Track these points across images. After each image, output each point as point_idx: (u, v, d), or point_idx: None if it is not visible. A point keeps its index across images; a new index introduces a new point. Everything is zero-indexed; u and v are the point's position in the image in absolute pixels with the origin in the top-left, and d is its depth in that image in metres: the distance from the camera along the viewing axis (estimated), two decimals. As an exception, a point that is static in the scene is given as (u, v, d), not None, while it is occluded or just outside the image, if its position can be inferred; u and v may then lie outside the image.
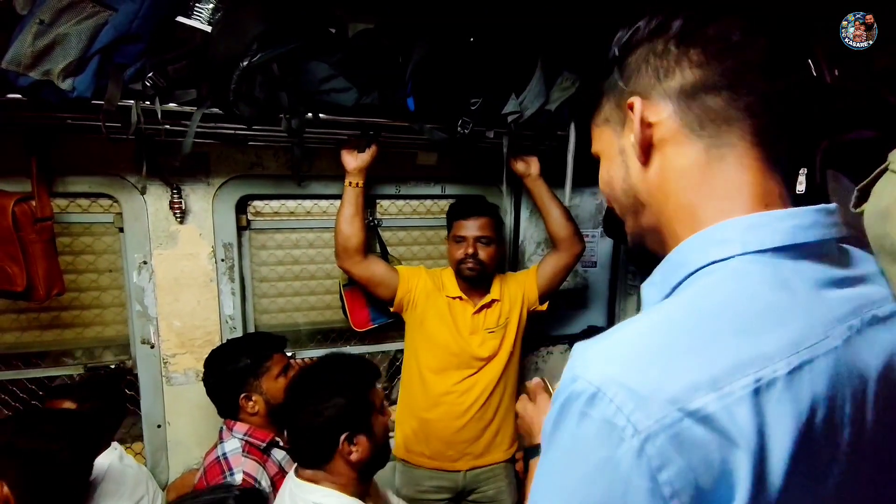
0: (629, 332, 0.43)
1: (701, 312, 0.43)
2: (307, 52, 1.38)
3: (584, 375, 0.41)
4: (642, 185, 0.54)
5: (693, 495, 0.38)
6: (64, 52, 1.20)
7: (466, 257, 1.67)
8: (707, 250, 0.47)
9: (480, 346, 1.72)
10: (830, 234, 0.47)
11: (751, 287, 0.44)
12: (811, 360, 0.41)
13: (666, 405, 0.38)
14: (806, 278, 0.45)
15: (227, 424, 1.43)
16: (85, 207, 1.63)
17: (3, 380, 1.62)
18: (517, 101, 1.59)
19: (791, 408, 0.39)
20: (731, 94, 0.48)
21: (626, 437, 0.38)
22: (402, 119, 1.51)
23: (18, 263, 1.38)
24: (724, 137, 0.49)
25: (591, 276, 2.24)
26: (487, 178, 1.95)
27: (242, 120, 1.38)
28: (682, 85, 0.49)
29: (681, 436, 0.38)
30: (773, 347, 0.41)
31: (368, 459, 1.12)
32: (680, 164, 0.50)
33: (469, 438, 1.71)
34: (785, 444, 0.39)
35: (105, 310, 1.71)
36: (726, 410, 0.38)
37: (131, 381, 1.72)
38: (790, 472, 0.39)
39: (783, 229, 0.46)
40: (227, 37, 1.30)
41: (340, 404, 1.09)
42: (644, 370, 0.40)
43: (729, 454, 0.38)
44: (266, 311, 1.89)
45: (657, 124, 0.51)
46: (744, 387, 0.39)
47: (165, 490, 1.67)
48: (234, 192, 1.70)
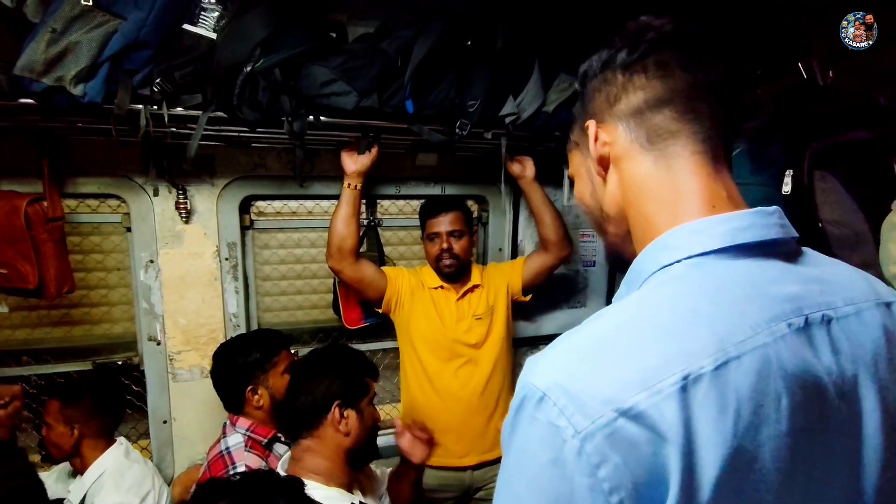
0: (572, 341, 0.47)
1: (636, 317, 0.46)
2: (308, 56, 1.42)
3: (532, 382, 0.45)
4: (606, 199, 0.59)
5: (631, 490, 0.40)
6: (76, 59, 1.25)
7: (442, 252, 1.72)
8: (657, 257, 0.52)
9: (467, 332, 1.75)
10: (769, 234, 0.50)
11: (685, 290, 0.47)
12: (738, 357, 0.42)
13: (601, 406, 0.41)
14: (742, 277, 0.48)
15: (231, 420, 1.47)
16: (94, 208, 1.68)
17: (13, 376, 1.66)
18: (515, 103, 1.62)
19: (718, 402, 0.41)
20: (671, 111, 0.54)
21: (568, 438, 0.41)
22: (401, 121, 1.54)
23: (30, 262, 1.42)
24: (670, 149, 0.54)
25: (591, 274, 2.26)
26: (486, 178, 1.98)
27: (246, 123, 1.42)
28: (630, 106, 0.56)
29: (615, 434, 0.40)
30: (700, 345, 0.43)
31: (355, 444, 1.17)
32: (634, 177, 0.56)
33: (476, 430, 1.73)
34: (712, 437, 0.40)
35: (113, 307, 1.76)
36: (656, 407, 0.40)
37: (138, 377, 1.76)
38: (721, 466, 0.40)
39: (721, 232, 0.49)
40: (231, 43, 1.34)
41: (338, 378, 1.19)
42: (583, 375, 0.43)
43: (660, 449, 0.40)
44: (269, 310, 1.93)
45: (612, 143, 0.57)
46: (672, 384, 0.41)
47: (171, 484, 1.72)
48: (238, 192, 1.75)
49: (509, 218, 2.09)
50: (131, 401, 1.79)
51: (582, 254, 2.23)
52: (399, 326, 1.79)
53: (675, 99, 0.54)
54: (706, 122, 0.53)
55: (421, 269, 1.83)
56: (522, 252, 2.13)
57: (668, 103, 0.54)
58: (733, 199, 0.53)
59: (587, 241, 2.22)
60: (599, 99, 0.58)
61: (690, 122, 0.53)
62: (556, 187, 2.08)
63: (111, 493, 1.36)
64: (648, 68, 0.55)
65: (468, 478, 1.76)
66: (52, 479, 1.52)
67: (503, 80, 1.60)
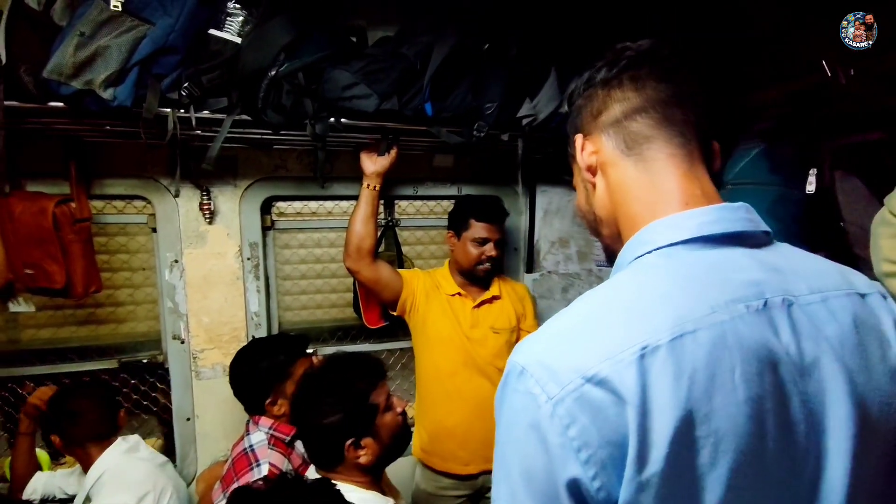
0: (552, 324, 0.53)
1: (609, 300, 0.53)
2: (330, 61, 1.44)
3: (516, 359, 0.51)
4: (597, 203, 0.65)
5: (597, 448, 0.46)
6: (105, 64, 1.27)
7: (487, 259, 1.72)
8: (634, 249, 0.57)
9: (483, 341, 1.74)
10: (735, 227, 0.55)
11: (654, 275, 0.53)
12: (694, 331, 0.47)
13: (570, 374, 0.47)
14: (707, 265, 0.52)
15: (254, 419, 1.48)
16: (120, 209, 1.72)
17: (39, 374, 1.70)
18: (531, 105, 1.64)
19: (673, 370, 0.46)
20: (647, 118, 0.59)
21: (542, 404, 0.47)
22: (419, 123, 1.56)
23: (58, 262, 1.45)
24: (647, 153, 0.59)
25: (604, 274, 2.28)
26: (502, 178, 2.00)
27: (270, 126, 1.45)
28: (610, 117, 0.62)
29: (583, 398, 0.46)
30: (660, 321, 0.48)
31: (379, 458, 1.13)
32: (619, 181, 0.61)
33: (482, 438, 1.72)
34: (667, 400, 0.45)
35: (138, 306, 1.80)
36: (617, 373, 0.46)
37: (162, 375, 1.80)
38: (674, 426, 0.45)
39: (690, 225, 0.54)
40: (256, 49, 1.37)
41: (340, 415, 1.08)
42: (558, 351, 0.50)
43: (621, 410, 0.45)
44: (289, 309, 1.96)
45: (597, 152, 0.63)
46: (632, 353, 0.46)
47: (194, 481, 1.75)
48: (260, 193, 1.77)
49: (525, 218, 2.10)
50: (156, 398, 1.82)
51: (596, 253, 2.24)
52: (414, 328, 1.78)
53: (649, 108, 0.59)
54: (680, 127, 0.59)
55: (435, 271, 1.83)
56: (538, 251, 2.14)
57: (643, 111, 0.59)
58: (707, 197, 0.58)
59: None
60: (585, 114, 0.65)
61: (665, 127, 0.59)
62: (570, 188, 2.10)
63: (109, 494, 1.36)
64: (624, 83, 0.61)
65: (481, 480, 1.76)
66: (75, 477, 1.55)
67: (520, 82, 1.62)
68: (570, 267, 2.21)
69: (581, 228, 2.19)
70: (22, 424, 1.48)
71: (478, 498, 1.81)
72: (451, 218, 1.80)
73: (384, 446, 1.13)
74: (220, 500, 1.36)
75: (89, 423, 1.42)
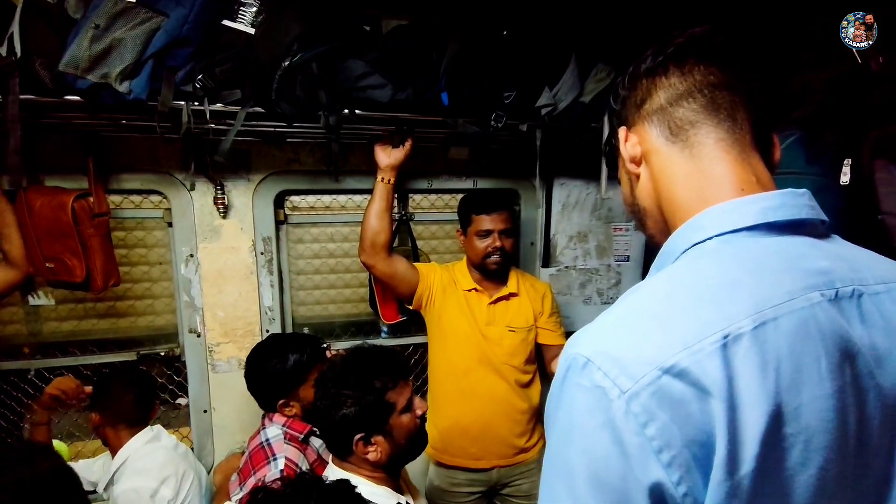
0: (612, 314, 0.50)
1: (673, 287, 0.49)
2: (344, 50, 1.42)
3: (576, 351, 0.48)
4: (641, 194, 0.63)
5: (681, 448, 0.41)
6: (120, 56, 1.27)
7: (494, 251, 1.68)
8: (689, 236, 0.54)
9: (499, 340, 1.71)
10: (800, 214, 0.52)
11: (719, 262, 0.49)
12: (776, 318, 0.44)
13: (644, 366, 0.43)
14: (775, 251, 0.49)
15: (269, 415, 1.48)
16: (137, 203, 1.73)
17: (62, 366, 1.73)
18: (551, 94, 1.59)
19: (759, 360, 0.42)
20: (692, 103, 0.57)
21: (614, 398, 0.43)
22: (435, 114, 1.53)
23: (77, 256, 1.47)
24: (693, 139, 0.57)
25: (623, 270, 2.22)
26: (519, 171, 1.96)
27: (284, 118, 1.43)
28: (654, 106, 0.60)
29: (660, 392, 0.42)
30: (738, 309, 0.44)
31: (391, 458, 1.11)
32: (663, 169, 0.60)
33: (496, 437, 1.71)
34: (756, 392, 0.41)
35: (156, 300, 1.81)
36: (698, 364, 0.42)
37: (179, 368, 1.81)
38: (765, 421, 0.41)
39: (753, 211, 0.51)
40: (269, 38, 1.35)
41: (353, 408, 1.07)
42: (625, 341, 0.46)
43: (706, 405, 0.41)
44: (303, 303, 1.95)
45: (642, 142, 0.62)
46: (712, 342, 0.43)
47: (211, 472, 1.76)
48: (273, 187, 1.76)
49: (542, 212, 2.06)
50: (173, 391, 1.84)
51: (615, 248, 2.18)
52: (430, 323, 1.77)
53: (695, 92, 0.57)
54: (730, 111, 0.56)
55: (453, 265, 1.81)
56: (555, 246, 2.09)
57: (689, 96, 0.57)
58: (762, 184, 0.55)
59: (620, 234, 2.17)
60: (629, 105, 0.64)
61: (713, 111, 0.56)
62: (590, 180, 2.05)
63: (130, 478, 1.41)
64: (670, 69, 0.59)
65: (494, 474, 1.75)
66: (98, 466, 1.59)
67: (539, 70, 1.57)
68: (589, 262, 2.15)
69: (601, 223, 2.14)
70: (38, 414, 1.50)
71: (492, 494, 1.80)
72: (458, 217, 1.79)
73: (397, 446, 1.11)
74: (236, 492, 1.37)
75: (128, 405, 1.48)
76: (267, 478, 1.31)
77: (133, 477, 1.41)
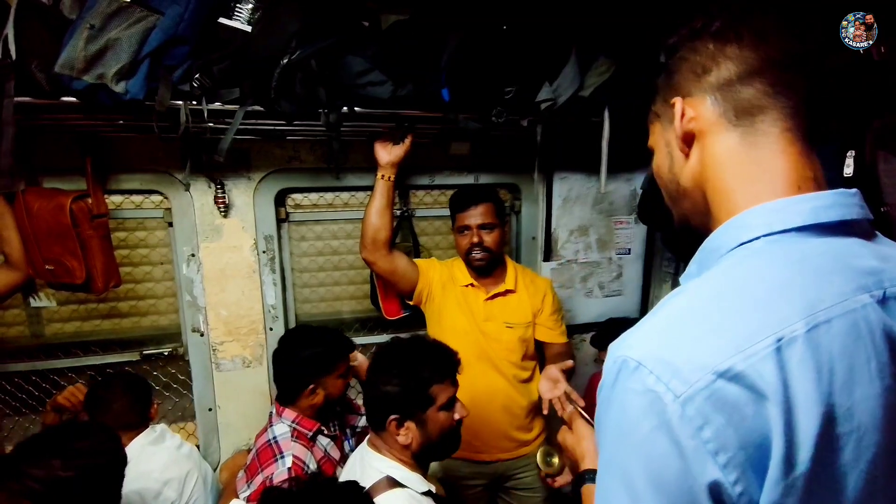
0: (659, 317, 0.49)
1: (723, 289, 0.48)
2: (343, 46, 1.40)
3: (625, 354, 0.47)
4: (685, 174, 0.58)
5: (738, 450, 0.42)
6: (116, 56, 1.26)
7: (473, 246, 1.67)
8: (736, 234, 0.52)
9: (497, 336, 1.71)
10: (851, 214, 0.50)
11: (770, 263, 0.48)
12: (828, 320, 0.44)
13: (697, 371, 0.43)
14: (826, 252, 0.48)
15: (277, 410, 1.48)
16: (138, 204, 1.72)
17: (66, 367, 1.73)
18: (551, 89, 1.57)
19: (812, 363, 0.42)
20: (762, 83, 0.52)
21: (669, 402, 0.43)
22: (436, 110, 1.52)
23: (77, 258, 1.46)
24: (758, 125, 0.53)
25: (624, 262, 2.22)
26: (519, 166, 1.95)
27: (283, 116, 1.42)
28: (719, 79, 0.54)
29: (716, 395, 0.42)
30: (790, 311, 0.44)
31: (421, 448, 1.14)
32: (718, 153, 0.55)
33: (496, 432, 1.72)
34: (811, 395, 0.42)
35: (159, 300, 1.81)
36: (753, 368, 0.42)
37: (183, 366, 1.81)
38: (820, 423, 0.42)
39: (804, 210, 0.50)
40: (266, 36, 1.33)
41: (394, 388, 1.13)
42: (676, 344, 0.45)
43: (761, 408, 0.42)
44: (307, 301, 1.95)
45: (697, 118, 0.56)
46: (766, 346, 0.43)
47: (218, 469, 1.78)
48: (274, 185, 1.76)
49: (542, 206, 2.05)
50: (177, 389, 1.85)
51: (616, 241, 2.18)
52: (430, 319, 1.78)
53: (767, 70, 0.52)
54: (799, 96, 0.52)
55: (453, 261, 1.81)
56: (556, 240, 2.09)
57: (760, 74, 0.52)
58: (818, 181, 0.53)
59: (622, 227, 2.17)
60: (686, 70, 0.57)
61: (782, 96, 0.52)
62: (591, 174, 2.04)
63: (133, 481, 1.38)
64: (743, 35, 0.52)
65: (501, 466, 1.76)
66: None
67: (539, 65, 1.55)
68: (591, 255, 2.16)
69: (602, 216, 2.14)
70: (46, 416, 1.50)
71: (496, 487, 1.81)
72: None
73: (428, 438, 1.15)
74: (243, 489, 1.37)
75: (117, 412, 1.45)
76: (274, 475, 1.32)
77: (135, 480, 1.40)
